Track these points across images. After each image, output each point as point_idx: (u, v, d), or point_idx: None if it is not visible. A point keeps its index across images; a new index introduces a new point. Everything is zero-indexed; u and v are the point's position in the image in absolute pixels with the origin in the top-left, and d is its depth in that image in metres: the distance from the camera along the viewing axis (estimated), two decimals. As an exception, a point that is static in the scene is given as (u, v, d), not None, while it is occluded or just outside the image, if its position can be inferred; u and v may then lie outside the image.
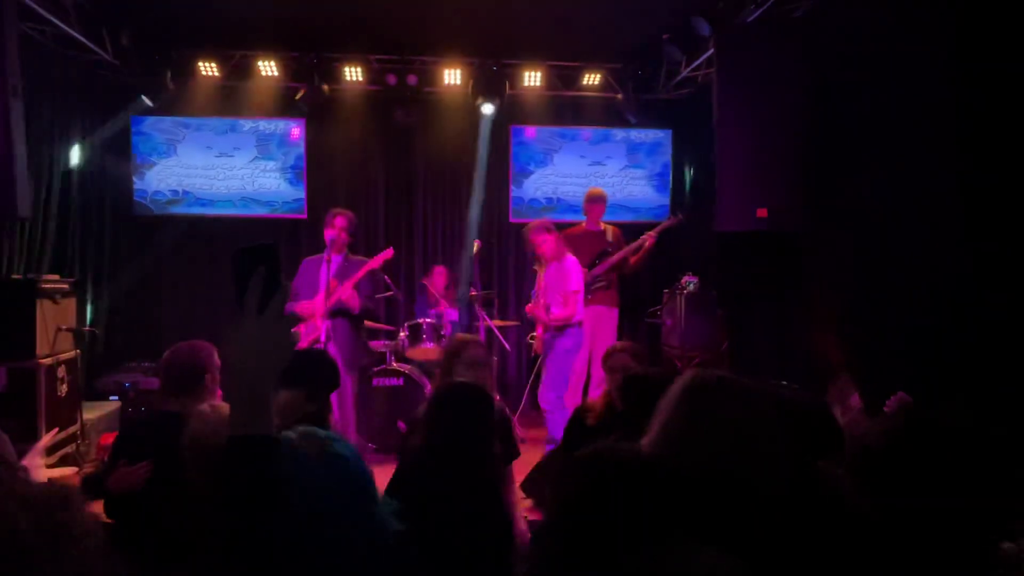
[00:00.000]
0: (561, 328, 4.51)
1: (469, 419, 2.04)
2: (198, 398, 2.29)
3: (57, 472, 2.74)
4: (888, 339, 3.64)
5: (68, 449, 4.44)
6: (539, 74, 6.02)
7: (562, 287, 4.56)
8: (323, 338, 4.00)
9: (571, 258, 4.64)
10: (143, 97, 5.74)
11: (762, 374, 5.01)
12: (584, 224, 5.34)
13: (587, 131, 6.37)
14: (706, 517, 1.17)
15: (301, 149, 6.14)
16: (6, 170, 3.57)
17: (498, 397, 3.21)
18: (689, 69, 5.62)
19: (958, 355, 3.10)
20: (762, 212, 4.29)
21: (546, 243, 4.52)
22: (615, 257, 5.08)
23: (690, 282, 5.35)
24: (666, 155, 6.35)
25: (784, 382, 4.82)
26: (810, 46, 4.24)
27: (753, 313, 5.20)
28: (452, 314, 5.65)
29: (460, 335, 3.00)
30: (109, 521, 2.38)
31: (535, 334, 4.77)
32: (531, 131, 6.34)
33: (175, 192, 6.07)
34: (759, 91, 4.29)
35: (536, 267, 4.81)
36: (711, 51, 5.08)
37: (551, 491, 1.36)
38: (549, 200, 6.33)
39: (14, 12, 3.76)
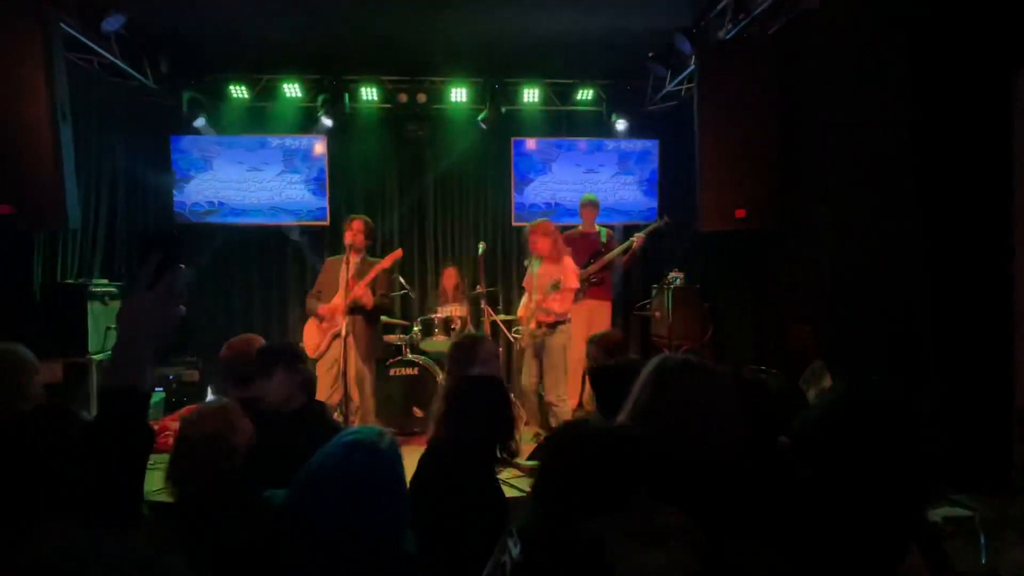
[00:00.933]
0: (554, 326, 4.47)
1: (493, 411, 2.00)
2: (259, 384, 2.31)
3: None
4: (858, 327, 3.62)
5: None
6: (537, 91, 6.01)
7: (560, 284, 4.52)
8: (343, 333, 4.02)
9: (569, 260, 4.62)
10: (202, 119, 5.76)
11: (742, 360, 5.01)
12: (580, 227, 5.38)
13: (582, 142, 6.35)
14: (666, 481, 1.19)
15: (323, 162, 6.15)
16: (57, 186, 3.60)
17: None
18: (673, 84, 5.60)
19: (922, 340, 3.08)
20: (740, 212, 4.28)
21: (541, 243, 4.47)
22: (605, 258, 5.12)
23: (676, 277, 5.33)
24: (654, 162, 6.33)
25: (763, 367, 4.82)
26: (782, 60, 4.23)
27: (734, 305, 5.19)
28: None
29: (470, 332, 2.97)
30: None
31: (529, 329, 4.58)
32: (531, 142, 6.32)
33: (211, 203, 6.10)
34: (736, 102, 4.27)
35: (526, 262, 4.76)
36: (692, 67, 5.08)
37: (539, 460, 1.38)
38: (548, 205, 6.32)
39: (61, 47, 3.79)
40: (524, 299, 4.74)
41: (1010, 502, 2.35)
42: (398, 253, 4.35)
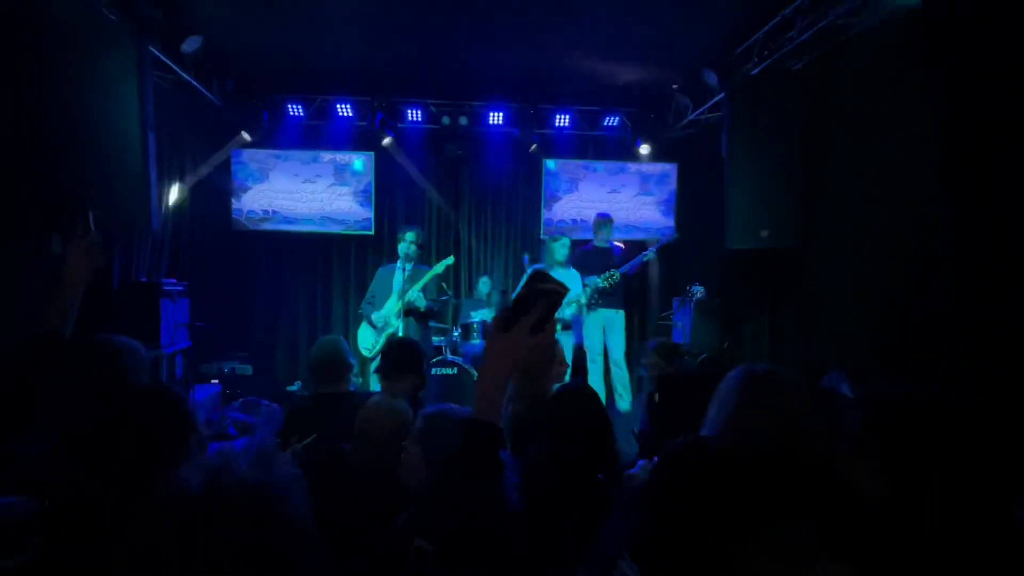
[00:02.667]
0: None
1: (594, 410, 1.89)
2: (344, 382, 2.29)
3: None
4: (877, 339, 3.59)
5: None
6: (568, 117, 6.01)
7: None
8: (399, 334, 3.98)
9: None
10: (243, 133, 5.76)
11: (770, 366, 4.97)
12: (593, 242, 5.36)
13: (606, 164, 6.34)
14: (779, 498, 1.12)
15: (371, 177, 6.14)
16: (145, 191, 3.57)
17: None
18: (695, 113, 5.59)
19: (942, 353, 3.04)
20: (765, 232, 4.26)
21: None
22: (621, 270, 5.10)
23: (697, 290, 5.30)
24: (672, 184, 6.31)
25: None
26: (807, 93, 4.22)
27: (752, 317, 5.16)
28: None
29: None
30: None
31: None
32: (560, 164, 6.32)
33: (266, 212, 6.08)
34: (762, 130, 4.27)
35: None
36: (717, 98, 5.07)
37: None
38: (574, 221, 6.30)
39: (151, 66, 3.78)
40: None
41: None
42: (450, 259, 4.32)
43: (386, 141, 5.86)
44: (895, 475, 1.02)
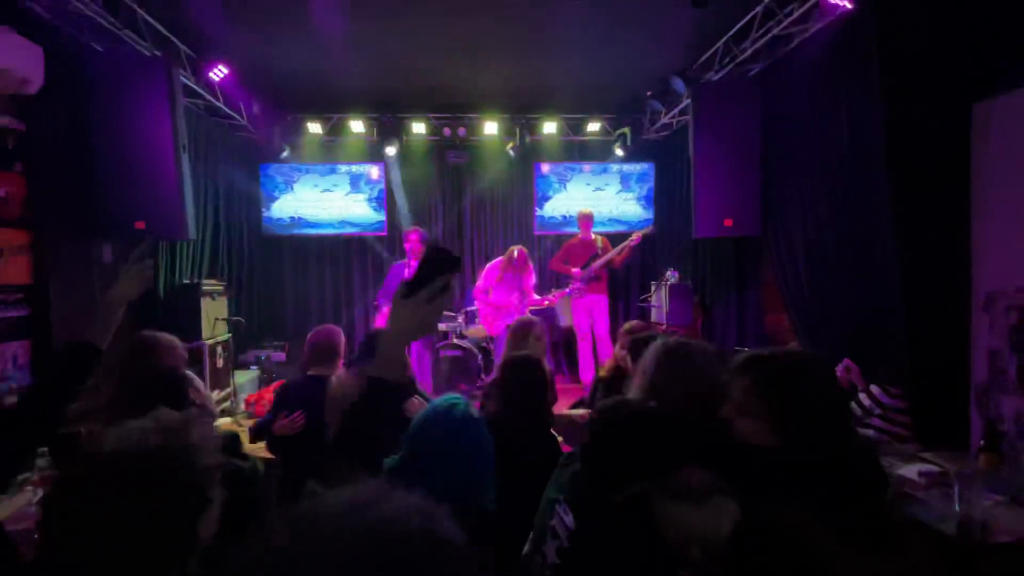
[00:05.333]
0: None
1: (535, 379, 1.99)
2: (334, 367, 2.31)
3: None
4: (830, 315, 3.57)
5: (225, 405, 4.54)
6: (554, 124, 5.98)
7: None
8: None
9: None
10: (286, 149, 5.81)
11: (727, 344, 4.96)
12: (579, 236, 5.36)
13: (590, 165, 6.31)
14: (682, 448, 1.14)
15: (382, 184, 6.16)
16: (180, 205, 3.63)
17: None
18: (667, 117, 5.55)
19: (889, 326, 3.03)
20: (728, 222, 4.23)
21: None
22: (604, 258, 5.11)
23: (672, 275, 5.28)
24: (651, 181, 6.27)
25: (745, 348, 4.78)
26: (763, 95, 4.17)
27: (721, 298, 5.14)
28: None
29: (526, 317, 2.91)
30: (271, 456, 2.42)
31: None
32: (549, 166, 6.30)
33: (292, 219, 6.13)
34: (725, 131, 4.23)
35: (508, 271, 4.90)
36: (685, 103, 5.02)
37: (587, 429, 1.31)
38: (564, 218, 6.29)
39: (181, 92, 3.82)
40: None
41: (971, 459, 2.31)
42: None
43: (390, 152, 5.87)
44: (777, 426, 1.05)
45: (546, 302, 5.11)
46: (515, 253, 4.86)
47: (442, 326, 5.28)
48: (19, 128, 3.07)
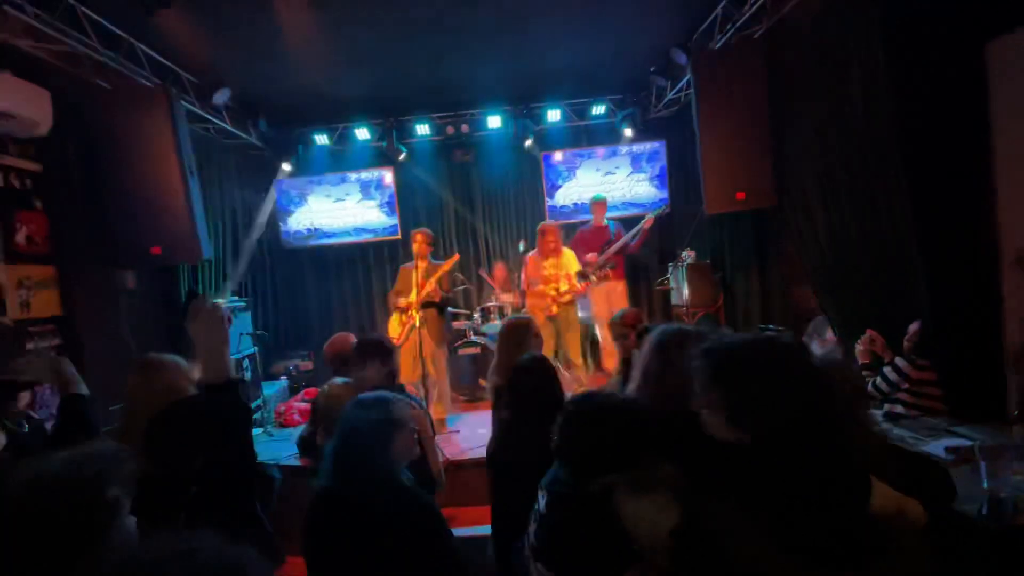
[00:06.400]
0: (572, 302, 4.50)
1: (549, 379, 1.96)
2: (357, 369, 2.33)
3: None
4: (854, 284, 3.38)
5: (256, 416, 4.72)
6: (559, 111, 5.89)
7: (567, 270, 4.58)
8: (418, 324, 4.07)
9: (568, 249, 4.70)
10: (283, 165, 5.98)
11: (751, 321, 4.78)
12: (592, 222, 5.26)
13: (599, 149, 6.18)
14: (671, 442, 1.10)
15: (392, 189, 6.24)
16: (191, 228, 3.77)
17: None
18: (673, 92, 5.36)
19: (914, 292, 2.84)
20: (740, 195, 4.07)
21: (556, 242, 4.59)
22: (618, 243, 4.99)
23: (688, 255, 5.13)
24: (662, 160, 6.09)
25: (770, 325, 4.59)
26: (768, 59, 3.97)
27: (741, 275, 4.96)
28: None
29: (519, 315, 2.88)
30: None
31: (551, 310, 4.51)
32: (557, 155, 6.20)
33: (309, 230, 6.29)
34: (730, 99, 4.04)
35: (536, 256, 4.66)
36: (689, 75, 4.84)
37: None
38: (576, 205, 6.20)
39: (184, 119, 3.94)
40: (531, 291, 4.66)
41: (1006, 431, 2.14)
42: (455, 257, 4.36)
43: (401, 156, 5.93)
44: (732, 420, 0.98)
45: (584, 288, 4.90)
46: (541, 231, 4.61)
47: (458, 325, 5.31)
48: (35, 169, 3.26)
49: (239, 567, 0.49)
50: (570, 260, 4.61)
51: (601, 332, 5.20)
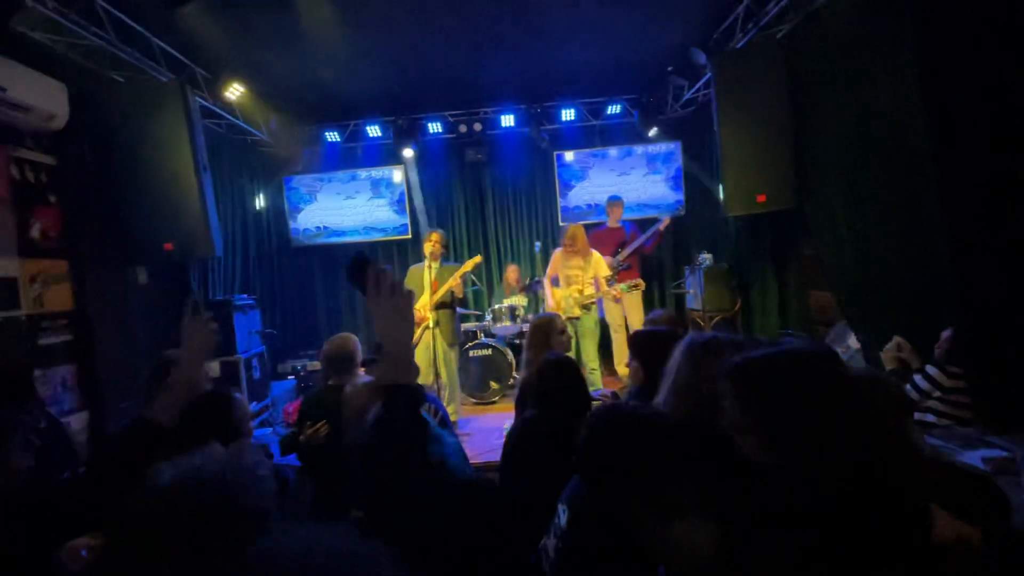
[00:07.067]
0: (590, 307, 4.44)
1: (573, 380, 1.98)
2: (352, 375, 2.34)
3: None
4: (878, 288, 3.35)
5: (264, 415, 4.73)
6: (573, 111, 5.88)
7: (596, 273, 4.47)
8: (431, 325, 4.05)
9: (596, 252, 4.53)
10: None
11: (768, 326, 4.75)
12: (607, 223, 5.25)
13: (613, 149, 6.16)
14: (685, 458, 1.01)
15: (403, 187, 6.24)
16: (204, 224, 3.78)
17: None
18: (691, 92, 5.35)
19: (944, 296, 2.81)
20: (761, 197, 4.04)
21: (583, 243, 4.47)
22: (632, 245, 4.97)
23: (706, 258, 5.10)
24: (678, 161, 6.07)
25: (789, 331, 4.55)
26: (790, 59, 3.95)
27: (759, 279, 4.92)
28: None
29: (546, 314, 2.86)
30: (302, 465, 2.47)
31: (572, 312, 4.43)
32: (570, 155, 6.20)
33: (318, 228, 6.31)
34: (750, 100, 4.03)
35: (563, 254, 4.55)
36: (708, 75, 4.82)
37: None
38: (589, 206, 6.18)
39: (198, 114, 3.96)
40: (556, 290, 4.59)
41: (1045, 440, 2.10)
42: (478, 258, 4.32)
43: (408, 154, 5.94)
44: (768, 443, 0.93)
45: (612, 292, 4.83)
46: (572, 234, 4.47)
47: (468, 326, 5.30)
48: (50, 162, 3.28)
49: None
50: (599, 264, 4.50)
51: (615, 336, 5.19)
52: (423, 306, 4.25)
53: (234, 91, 4.61)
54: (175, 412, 1.18)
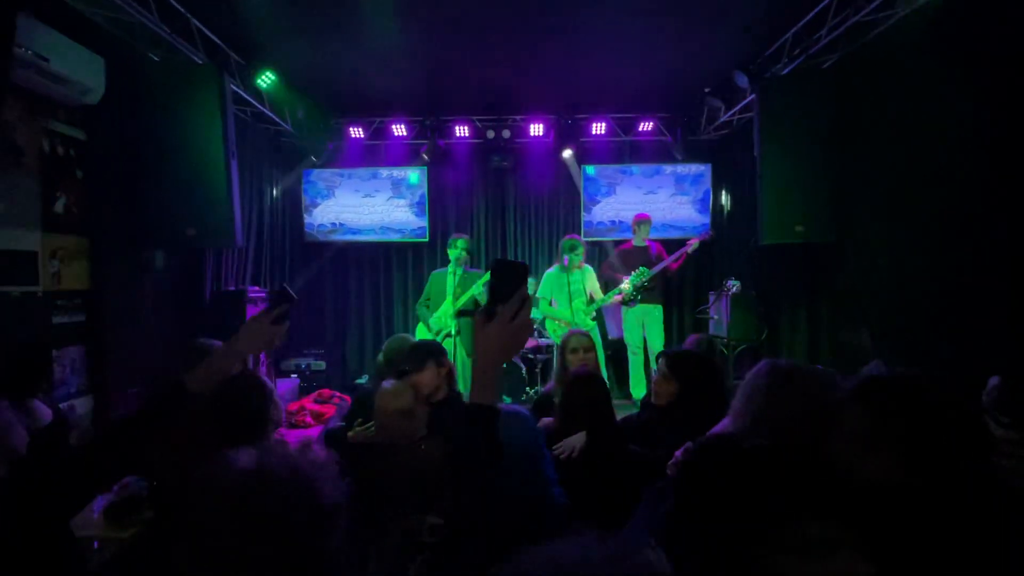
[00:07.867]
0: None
1: (600, 395, 2.02)
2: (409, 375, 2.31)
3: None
4: (919, 329, 3.33)
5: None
6: (604, 124, 5.90)
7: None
8: (454, 332, 4.01)
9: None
10: (312, 157, 5.98)
11: (795, 359, 4.72)
12: (632, 241, 5.24)
13: (642, 167, 6.18)
14: (802, 493, 1.01)
15: (424, 189, 6.23)
16: (230, 211, 3.75)
17: None
18: (728, 115, 5.37)
19: (979, 337, 2.79)
20: (799, 227, 4.04)
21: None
22: (660, 265, 4.96)
23: (733, 284, 5.08)
24: (707, 184, 6.08)
25: (818, 366, 4.53)
26: (838, 89, 3.97)
27: (789, 309, 4.91)
28: None
29: (570, 331, 2.92)
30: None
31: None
32: (597, 168, 6.21)
33: (333, 224, 6.27)
34: (794, 128, 4.05)
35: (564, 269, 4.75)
36: (748, 99, 4.85)
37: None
38: (612, 223, 6.18)
39: (231, 99, 3.95)
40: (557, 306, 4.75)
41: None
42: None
43: (433, 155, 5.93)
44: (905, 462, 0.94)
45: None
46: (571, 245, 4.69)
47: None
48: (80, 137, 3.24)
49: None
50: (590, 277, 4.80)
51: (633, 357, 5.15)
52: (445, 314, 4.21)
53: (266, 79, 4.60)
54: (211, 387, 1.19)
